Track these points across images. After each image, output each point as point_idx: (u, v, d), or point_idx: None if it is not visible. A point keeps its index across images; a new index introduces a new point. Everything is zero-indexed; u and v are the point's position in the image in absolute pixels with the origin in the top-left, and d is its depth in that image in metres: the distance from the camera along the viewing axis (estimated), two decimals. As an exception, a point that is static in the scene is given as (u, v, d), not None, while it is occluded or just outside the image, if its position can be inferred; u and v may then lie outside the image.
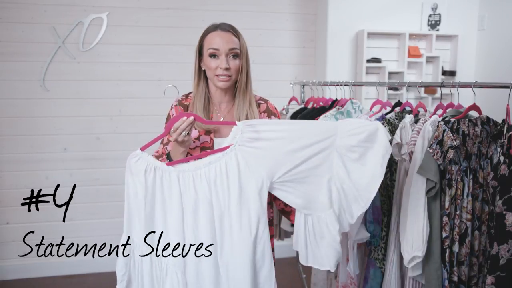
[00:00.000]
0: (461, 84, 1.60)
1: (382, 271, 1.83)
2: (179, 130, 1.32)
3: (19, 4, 3.06)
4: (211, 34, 1.46)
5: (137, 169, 1.27)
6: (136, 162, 1.28)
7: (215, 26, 1.48)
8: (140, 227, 1.30)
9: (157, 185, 1.28)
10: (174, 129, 1.33)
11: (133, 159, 1.29)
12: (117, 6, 3.19)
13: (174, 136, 1.34)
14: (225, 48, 1.43)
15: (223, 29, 1.46)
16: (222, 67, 1.43)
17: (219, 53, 1.44)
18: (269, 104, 1.61)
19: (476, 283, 1.52)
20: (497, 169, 1.40)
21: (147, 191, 1.28)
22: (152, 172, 1.28)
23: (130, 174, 1.29)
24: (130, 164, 1.28)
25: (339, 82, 2.42)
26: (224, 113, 1.55)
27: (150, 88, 3.30)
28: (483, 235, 1.50)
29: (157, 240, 1.30)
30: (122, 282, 1.32)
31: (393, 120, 1.87)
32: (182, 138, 1.33)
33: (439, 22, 3.37)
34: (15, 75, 3.11)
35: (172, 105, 1.56)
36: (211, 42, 1.45)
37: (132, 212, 1.30)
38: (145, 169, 1.27)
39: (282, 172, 1.26)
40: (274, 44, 3.45)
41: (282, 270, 3.20)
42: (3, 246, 3.22)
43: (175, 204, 1.28)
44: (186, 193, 1.27)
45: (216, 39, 1.44)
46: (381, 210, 1.83)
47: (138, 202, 1.29)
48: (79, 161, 3.26)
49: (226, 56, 1.44)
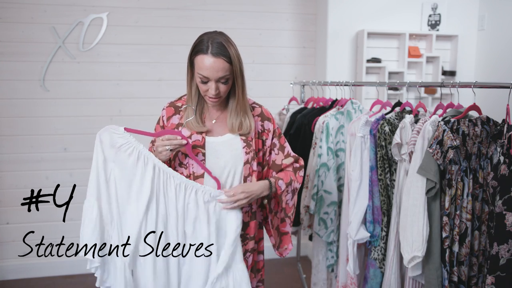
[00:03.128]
0: (461, 84, 1.60)
1: (382, 271, 1.83)
2: (168, 142, 1.36)
3: (19, 4, 3.06)
4: (202, 56, 1.37)
5: (112, 141, 1.36)
6: (113, 134, 1.36)
7: (206, 47, 1.36)
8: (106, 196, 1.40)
9: (130, 164, 1.36)
10: (163, 138, 1.38)
11: (114, 132, 1.36)
12: (117, 6, 3.19)
13: (158, 143, 1.38)
14: (214, 76, 1.37)
15: (213, 53, 1.35)
16: (211, 94, 1.40)
17: (209, 80, 1.39)
18: (264, 109, 1.59)
19: (476, 283, 1.52)
20: (497, 169, 1.40)
21: (115, 164, 1.36)
22: (127, 152, 1.36)
23: (100, 142, 1.37)
24: (103, 133, 1.38)
25: (339, 82, 2.42)
26: (216, 115, 1.53)
27: (150, 88, 3.30)
28: (483, 235, 1.50)
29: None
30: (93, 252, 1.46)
31: (393, 120, 1.87)
32: (163, 149, 1.37)
33: (439, 22, 3.37)
34: (15, 75, 3.11)
35: (164, 107, 1.55)
36: (201, 67, 1.37)
37: (100, 179, 1.38)
38: (120, 146, 1.35)
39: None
40: (274, 44, 3.45)
41: (282, 270, 3.20)
42: (3, 246, 3.22)
43: (145, 192, 1.36)
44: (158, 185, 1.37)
45: (206, 65, 1.36)
46: (381, 210, 1.83)
47: (106, 171, 1.38)
48: (79, 161, 3.25)
49: (215, 83, 1.39)
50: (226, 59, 1.36)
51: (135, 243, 1.36)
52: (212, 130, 1.50)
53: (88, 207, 1.38)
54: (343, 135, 2.21)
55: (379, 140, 1.82)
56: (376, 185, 1.83)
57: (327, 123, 2.19)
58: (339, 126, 2.23)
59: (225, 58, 1.36)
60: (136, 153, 1.35)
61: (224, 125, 1.50)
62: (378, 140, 1.83)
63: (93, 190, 1.38)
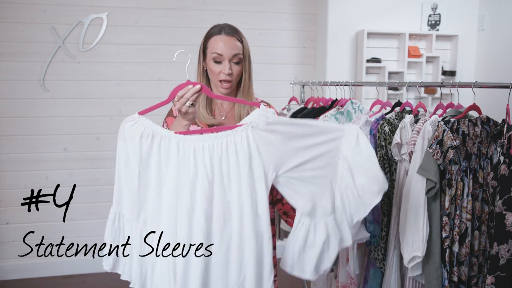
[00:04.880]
0: (461, 84, 1.60)
1: (382, 271, 1.83)
2: (183, 98, 1.24)
3: (19, 4, 3.06)
4: (215, 37, 1.46)
5: (132, 133, 1.17)
6: (131, 126, 1.17)
7: (219, 29, 1.46)
8: (131, 199, 1.20)
9: (154, 152, 1.18)
10: (178, 97, 1.25)
11: (129, 122, 1.18)
12: (117, 6, 3.19)
13: (177, 105, 1.26)
14: (228, 54, 1.44)
15: (227, 33, 1.45)
16: (225, 72, 1.44)
17: (222, 59, 1.44)
18: (272, 107, 1.63)
19: (476, 283, 1.52)
20: (497, 169, 1.39)
21: (141, 159, 1.17)
22: (149, 138, 1.17)
23: (123, 139, 1.17)
24: (124, 128, 1.17)
25: (339, 82, 2.42)
26: (226, 111, 1.56)
27: (150, 88, 3.30)
28: (483, 235, 1.50)
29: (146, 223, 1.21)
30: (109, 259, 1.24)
31: (393, 120, 1.87)
32: (186, 108, 1.26)
33: (439, 22, 3.37)
34: (15, 75, 3.11)
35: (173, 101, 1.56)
36: (215, 46, 1.44)
37: (122, 183, 1.19)
38: (141, 134, 1.17)
39: (288, 167, 1.20)
40: (274, 44, 3.45)
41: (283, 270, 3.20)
42: (3, 246, 3.22)
43: (171, 175, 1.17)
44: (184, 164, 1.17)
45: (220, 44, 1.44)
46: (381, 210, 1.83)
47: (130, 171, 1.18)
48: (79, 161, 3.26)
49: (229, 62, 1.45)
50: (238, 38, 1.47)
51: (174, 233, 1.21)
52: (223, 124, 1.52)
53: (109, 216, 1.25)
54: (343, 135, 2.20)
55: (379, 140, 1.82)
56: (376, 185, 1.82)
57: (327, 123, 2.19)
58: (339, 126, 2.22)
59: (237, 37, 1.47)
60: (157, 136, 1.18)
61: (233, 121, 1.52)
62: (378, 140, 1.83)
63: (115, 197, 1.22)
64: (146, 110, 1.22)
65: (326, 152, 1.22)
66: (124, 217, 1.23)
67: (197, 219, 1.18)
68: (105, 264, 1.27)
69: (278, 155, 1.19)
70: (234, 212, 1.19)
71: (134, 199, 1.20)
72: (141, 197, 1.21)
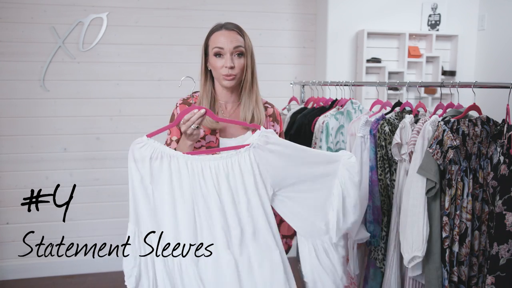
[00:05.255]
0: (461, 84, 1.60)
1: (382, 271, 1.83)
2: (189, 122, 1.31)
3: (19, 4, 3.06)
4: (216, 33, 1.48)
5: (142, 155, 1.23)
6: (140, 148, 1.23)
7: (220, 26, 1.49)
8: (148, 216, 1.25)
9: (165, 170, 1.24)
10: (184, 121, 1.32)
11: (138, 144, 1.24)
12: (117, 6, 3.19)
13: (183, 128, 1.33)
14: (229, 46, 1.44)
15: (227, 28, 1.47)
16: (227, 65, 1.44)
17: (224, 52, 1.45)
18: (275, 109, 1.64)
19: (476, 283, 1.52)
20: (497, 169, 1.40)
21: (152, 178, 1.24)
22: (158, 158, 1.24)
23: (134, 161, 1.23)
24: (133, 149, 1.24)
25: (339, 82, 2.42)
26: (229, 112, 1.55)
27: (150, 88, 3.30)
28: (483, 235, 1.50)
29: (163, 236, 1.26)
30: (131, 277, 1.24)
31: (393, 120, 1.87)
32: (191, 130, 1.32)
33: (439, 22, 3.37)
34: (15, 75, 3.11)
35: (177, 103, 1.57)
36: (216, 41, 1.46)
37: (138, 201, 1.25)
38: (151, 156, 1.23)
39: (283, 186, 1.30)
40: (274, 44, 3.45)
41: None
42: (3, 246, 3.22)
43: (186, 192, 1.24)
44: (194, 180, 1.24)
45: (221, 38, 1.45)
46: (381, 210, 1.83)
47: (145, 189, 1.24)
48: (79, 161, 3.26)
49: (231, 55, 1.45)
50: (239, 32, 1.49)
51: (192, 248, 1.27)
52: (226, 129, 1.52)
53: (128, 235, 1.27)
54: (343, 135, 2.21)
55: (379, 140, 1.82)
56: (376, 185, 1.82)
57: (327, 123, 2.19)
58: (339, 126, 2.23)
59: (237, 31, 1.49)
60: (166, 157, 1.25)
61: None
62: (378, 140, 1.83)
63: (132, 215, 1.25)
64: (154, 133, 1.29)
65: (321, 176, 1.32)
66: (143, 234, 1.26)
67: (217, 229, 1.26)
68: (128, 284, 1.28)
69: (275, 174, 1.29)
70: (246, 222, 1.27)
71: (153, 217, 1.26)
72: (159, 215, 1.26)
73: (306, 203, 1.32)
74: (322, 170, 1.32)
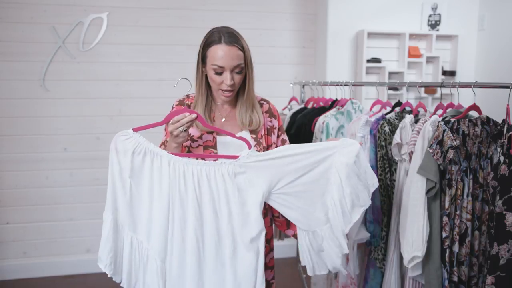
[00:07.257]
0: (461, 84, 1.60)
1: (382, 271, 1.83)
2: (178, 123, 1.30)
3: (19, 4, 3.06)
4: (215, 47, 1.39)
5: (125, 148, 1.24)
6: (124, 141, 1.24)
7: (218, 37, 1.39)
8: (123, 209, 1.26)
9: (146, 167, 1.25)
10: (173, 121, 1.31)
11: (122, 137, 1.25)
12: (117, 6, 3.19)
13: (170, 128, 1.32)
14: (230, 65, 1.39)
15: (227, 42, 1.38)
16: (227, 83, 1.40)
17: (223, 70, 1.40)
18: (271, 105, 1.61)
19: (476, 283, 1.52)
20: (497, 169, 1.40)
21: (133, 173, 1.24)
22: (141, 154, 1.25)
23: (115, 152, 1.24)
24: (116, 141, 1.24)
25: (339, 82, 2.42)
26: (226, 112, 1.54)
27: (150, 88, 3.30)
28: (483, 235, 1.50)
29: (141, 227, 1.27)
30: (111, 264, 1.27)
31: (393, 120, 1.87)
32: (178, 132, 1.31)
33: (439, 22, 3.37)
34: (15, 75, 3.11)
35: (173, 105, 1.55)
36: (215, 57, 1.38)
37: (117, 192, 1.26)
38: (134, 150, 1.24)
39: (279, 186, 1.29)
40: (274, 44, 3.45)
41: (282, 270, 3.20)
42: (3, 246, 3.22)
43: (164, 192, 1.25)
44: (175, 182, 1.25)
45: (220, 54, 1.37)
46: (381, 210, 1.83)
47: (124, 182, 1.25)
48: (79, 161, 3.25)
49: (230, 73, 1.40)
50: (239, 47, 1.40)
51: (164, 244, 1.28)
52: (223, 128, 1.50)
53: (104, 223, 1.29)
54: (343, 135, 2.21)
55: (379, 140, 1.82)
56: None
57: (327, 123, 2.19)
58: (339, 126, 2.23)
59: (238, 46, 1.40)
60: (149, 153, 1.26)
61: (234, 123, 1.50)
62: (378, 140, 1.83)
63: (109, 203, 1.27)
64: (140, 128, 1.28)
65: (318, 167, 1.30)
66: (118, 223, 1.28)
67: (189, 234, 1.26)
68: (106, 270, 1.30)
69: (271, 176, 1.28)
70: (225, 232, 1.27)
71: (128, 210, 1.27)
72: (135, 209, 1.28)
73: (304, 196, 1.31)
74: (317, 163, 1.30)
